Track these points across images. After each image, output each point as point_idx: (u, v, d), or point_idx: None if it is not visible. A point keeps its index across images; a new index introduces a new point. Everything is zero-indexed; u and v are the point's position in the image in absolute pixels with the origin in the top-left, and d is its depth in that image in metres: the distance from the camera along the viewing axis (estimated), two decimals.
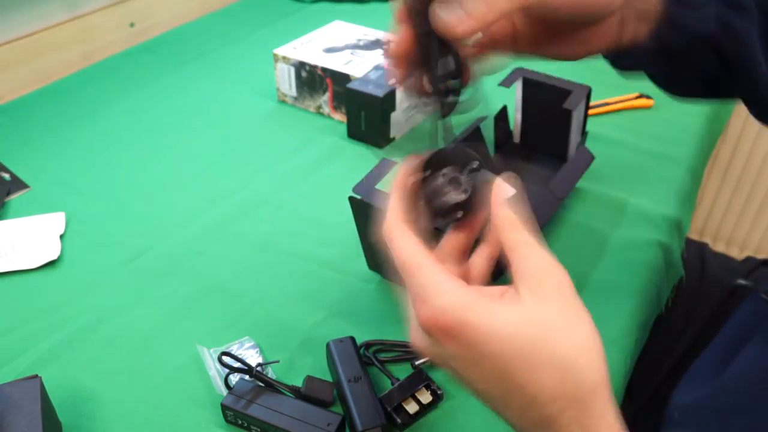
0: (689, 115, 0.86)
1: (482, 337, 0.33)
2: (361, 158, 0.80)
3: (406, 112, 0.81)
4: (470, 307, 0.33)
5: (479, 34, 0.43)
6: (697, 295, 0.72)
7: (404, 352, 0.54)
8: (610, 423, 0.34)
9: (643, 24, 0.42)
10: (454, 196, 0.38)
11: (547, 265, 0.34)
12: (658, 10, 0.41)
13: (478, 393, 0.36)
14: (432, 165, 0.39)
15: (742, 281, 0.69)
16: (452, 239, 0.39)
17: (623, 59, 0.47)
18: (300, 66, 0.85)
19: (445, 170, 0.39)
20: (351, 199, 0.55)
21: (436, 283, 0.34)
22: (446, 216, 0.39)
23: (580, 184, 0.73)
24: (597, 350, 0.34)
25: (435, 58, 0.37)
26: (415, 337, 0.37)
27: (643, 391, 0.70)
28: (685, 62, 0.44)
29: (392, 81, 0.51)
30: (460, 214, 0.39)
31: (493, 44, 0.44)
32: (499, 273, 0.39)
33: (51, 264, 0.64)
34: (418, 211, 0.39)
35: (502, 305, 0.34)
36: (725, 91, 0.48)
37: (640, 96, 0.90)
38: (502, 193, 0.37)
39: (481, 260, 0.39)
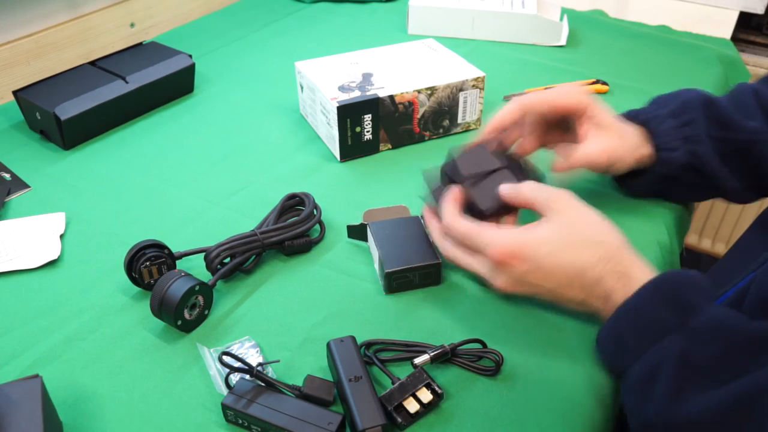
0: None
1: (532, 247, 0.51)
2: (361, 158, 0.80)
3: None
4: (520, 235, 0.52)
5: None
6: None
7: (404, 351, 0.54)
8: (640, 265, 0.50)
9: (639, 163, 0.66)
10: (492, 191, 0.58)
11: (555, 195, 0.53)
12: (652, 154, 0.65)
13: (550, 291, 0.52)
14: (465, 174, 0.59)
15: None
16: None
17: (635, 186, 0.70)
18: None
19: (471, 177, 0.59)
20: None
21: (493, 232, 0.53)
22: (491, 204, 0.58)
23: (581, 183, 0.73)
24: (610, 226, 0.52)
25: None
26: (494, 278, 0.53)
27: None
28: (676, 180, 0.67)
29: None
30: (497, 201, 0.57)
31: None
32: None
33: (51, 264, 0.64)
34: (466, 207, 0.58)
35: (539, 225, 0.52)
36: (704, 195, 0.72)
37: (597, 82, 0.93)
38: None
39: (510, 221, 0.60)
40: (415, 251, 0.60)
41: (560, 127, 0.66)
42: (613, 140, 0.63)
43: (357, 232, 0.65)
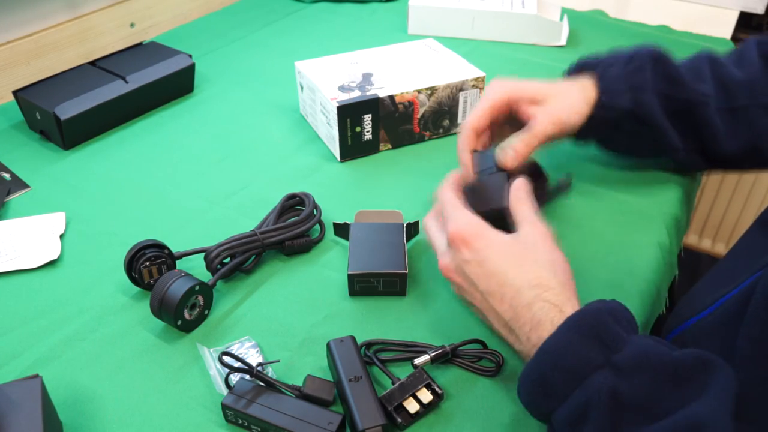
0: None
1: (487, 242, 0.51)
2: (361, 158, 0.80)
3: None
4: (482, 229, 0.52)
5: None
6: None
7: (405, 351, 0.54)
8: (574, 303, 0.47)
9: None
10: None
11: (536, 220, 0.53)
12: (598, 99, 0.65)
13: (482, 296, 0.51)
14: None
15: None
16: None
17: (580, 131, 0.67)
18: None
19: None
20: None
21: (463, 213, 0.54)
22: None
23: (581, 184, 0.73)
24: (566, 264, 0.51)
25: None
26: (443, 255, 0.54)
27: None
28: (617, 127, 0.67)
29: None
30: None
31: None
32: None
33: (51, 264, 0.64)
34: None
35: (502, 232, 0.52)
36: (649, 150, 0.71)
37: None
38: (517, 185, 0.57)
39: None
40: (384, 258, 0.60)
41: (507, 121, 0.67)
42: (553, 107, 0.64)
43: (341, 230, 0.66)
